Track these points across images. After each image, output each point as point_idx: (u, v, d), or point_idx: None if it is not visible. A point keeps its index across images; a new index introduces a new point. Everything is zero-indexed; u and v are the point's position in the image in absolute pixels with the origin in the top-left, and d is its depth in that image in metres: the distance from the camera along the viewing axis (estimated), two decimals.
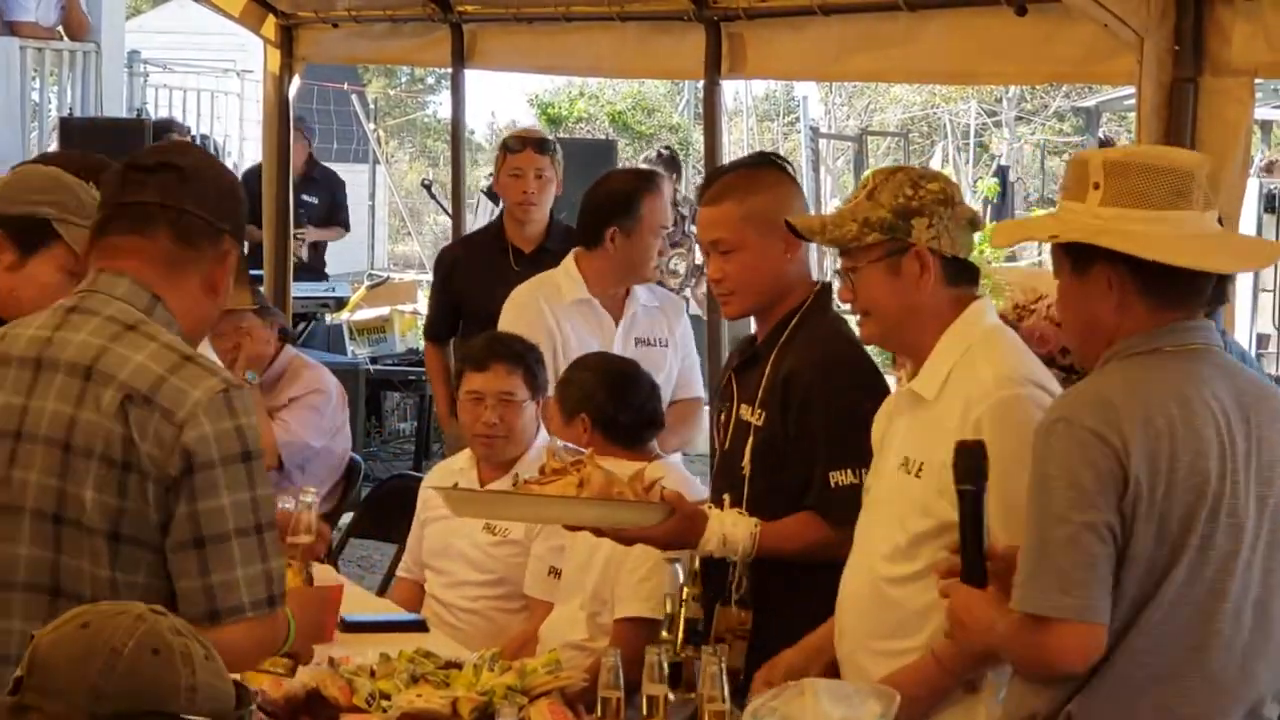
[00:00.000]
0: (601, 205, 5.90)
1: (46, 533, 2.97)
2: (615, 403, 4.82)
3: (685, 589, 4.08)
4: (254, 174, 12.95)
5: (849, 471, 3.97)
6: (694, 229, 12.42)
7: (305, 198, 12.45)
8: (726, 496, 4.16)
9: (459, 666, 4.21)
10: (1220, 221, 3.19)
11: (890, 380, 4.16)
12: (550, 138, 7.03)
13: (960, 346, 3.59)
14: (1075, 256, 3.15)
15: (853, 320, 3.90)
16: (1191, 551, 2.99)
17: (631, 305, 5.96)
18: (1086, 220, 3.11)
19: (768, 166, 4.33)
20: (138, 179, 3.12)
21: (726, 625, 4.08)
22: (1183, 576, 3.00)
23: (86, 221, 3.45)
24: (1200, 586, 3.01)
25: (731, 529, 4.03)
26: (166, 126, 12.04)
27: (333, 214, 12.59)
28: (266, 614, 2.98)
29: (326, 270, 12.89)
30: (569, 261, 5.99)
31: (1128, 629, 3.02)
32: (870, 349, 4.17)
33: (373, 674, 4.18)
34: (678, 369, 5.98)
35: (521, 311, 5.92)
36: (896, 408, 3.74)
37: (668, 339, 5.99)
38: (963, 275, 3.67)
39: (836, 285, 3.87)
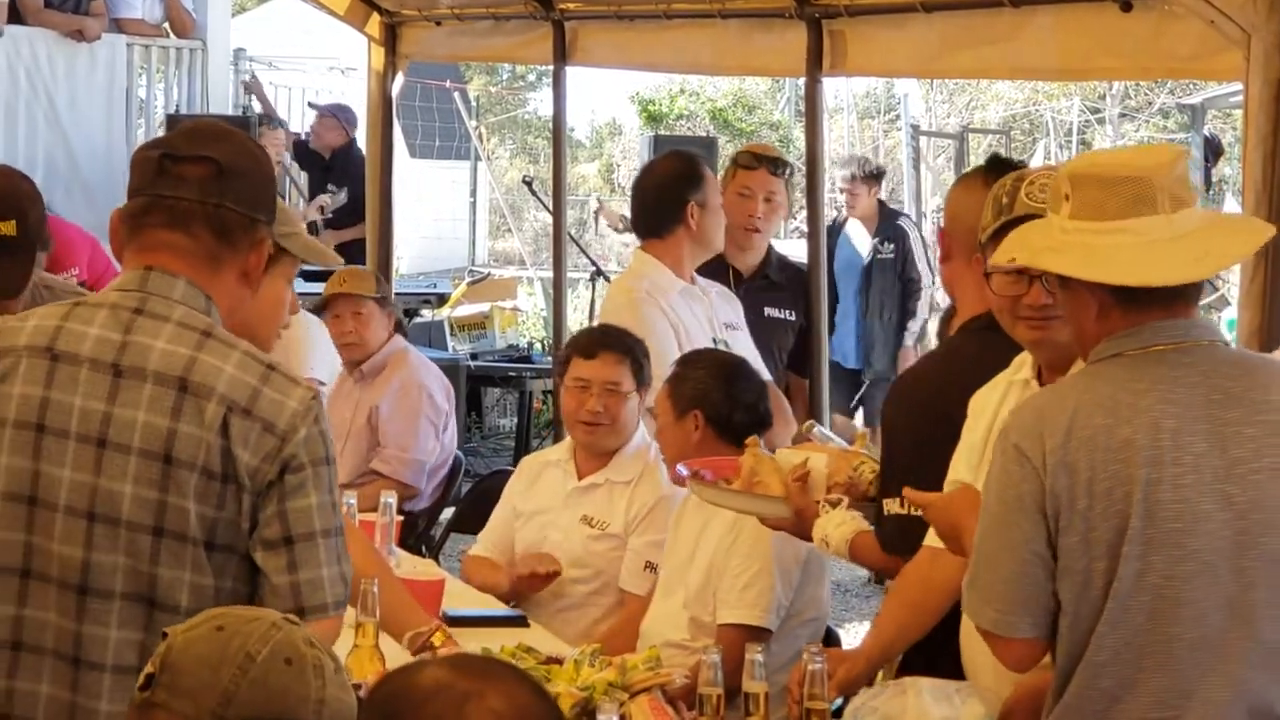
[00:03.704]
0: (672, 185, 5.90)
1: (143, 544, 2.94)
2: (730, 401, 4.83)
3: None
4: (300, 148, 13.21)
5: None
6: None
7: (329, 187, 12.38)
8: (844, 499, 4.14)
9: (559, 662, 4.22)
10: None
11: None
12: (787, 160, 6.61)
13: None
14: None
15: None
16: (1131, 560, 2.93)
17: (708, 291, 5.93)
18: (1055, 235, 3.07)
19: (980, 173, 3.99)
20: (176, 171, 3.03)
21: None
22: (1127, 587, 2.94)
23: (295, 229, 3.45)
24: (1148, 594, 2.95)
25: (834, 530, 4.02)
26: (259, 122, 12.15)
27: (357, 211, 10.56)
28: (340, 615, 3.01)
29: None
30: (645, 259, 5.92)
31: (1085, 643, 2.99)
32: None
33: None
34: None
35: (635, 312, 5.77)
36: None
37: (741, 324, 5.97)
38: None
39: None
